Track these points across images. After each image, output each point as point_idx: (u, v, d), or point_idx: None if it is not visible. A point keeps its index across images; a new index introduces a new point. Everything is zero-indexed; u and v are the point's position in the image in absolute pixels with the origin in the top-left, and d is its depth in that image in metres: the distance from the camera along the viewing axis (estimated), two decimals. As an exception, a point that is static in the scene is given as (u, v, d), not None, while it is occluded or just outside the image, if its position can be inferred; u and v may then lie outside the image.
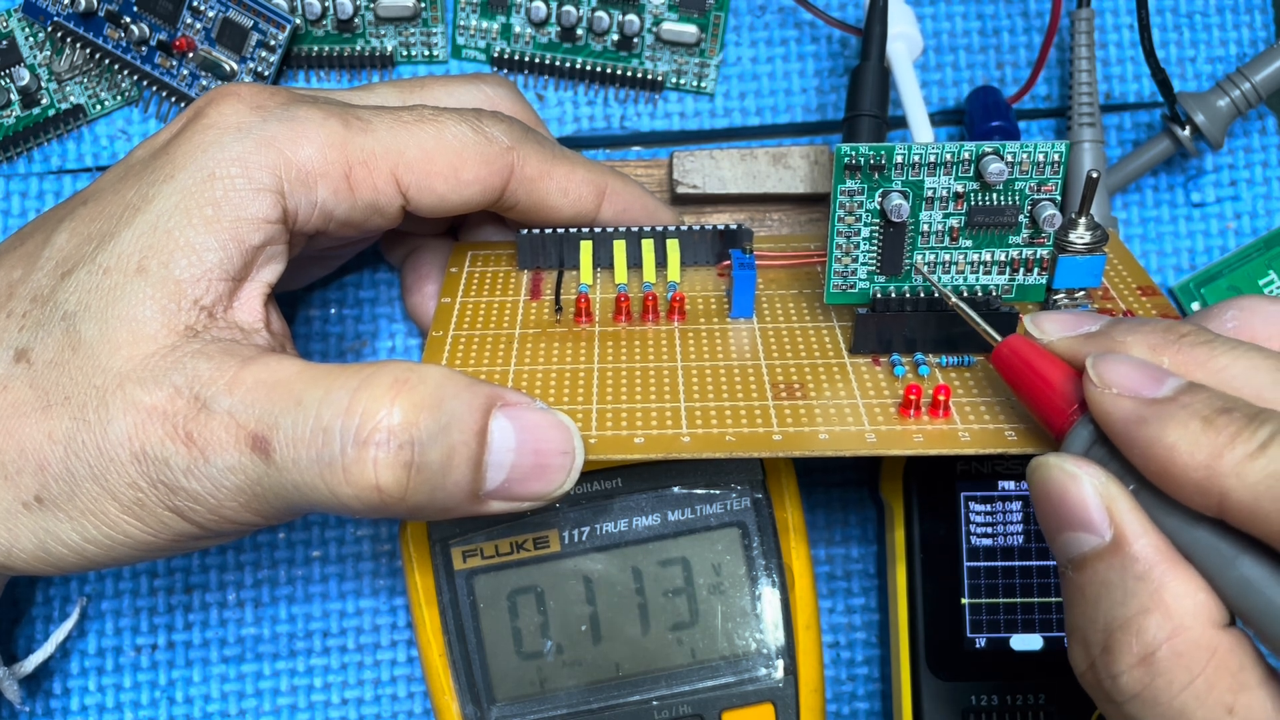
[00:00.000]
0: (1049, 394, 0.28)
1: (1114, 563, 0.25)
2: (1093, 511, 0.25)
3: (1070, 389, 0.27)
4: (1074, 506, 0.25)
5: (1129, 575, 0.24)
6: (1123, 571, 0.24)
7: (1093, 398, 0.26)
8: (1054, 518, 0.26)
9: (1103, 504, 0.25)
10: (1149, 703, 0.24)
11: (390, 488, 0.28)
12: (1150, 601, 0.24)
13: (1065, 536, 0.26)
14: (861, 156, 0.31)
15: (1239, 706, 0.23)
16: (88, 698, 0.41)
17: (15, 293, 0.31)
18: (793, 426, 0.30)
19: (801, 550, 0.37)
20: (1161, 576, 0.24)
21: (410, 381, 0.28)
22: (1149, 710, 0.24)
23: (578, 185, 0.36)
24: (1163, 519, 0.25)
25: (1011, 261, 0.33)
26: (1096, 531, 0.25)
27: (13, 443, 0.29)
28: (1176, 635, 0.24)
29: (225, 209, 0.30)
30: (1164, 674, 0.24)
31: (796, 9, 0.44)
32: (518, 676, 0.36)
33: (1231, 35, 0.44)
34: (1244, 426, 0.23)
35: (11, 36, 0.42)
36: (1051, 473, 0.26)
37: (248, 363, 0.29)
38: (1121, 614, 0.24)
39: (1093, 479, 0.25)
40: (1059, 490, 0.26)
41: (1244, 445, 0.23)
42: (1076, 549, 0.25)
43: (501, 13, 0.43)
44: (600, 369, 0.33)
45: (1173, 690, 0.24)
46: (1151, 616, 0.24)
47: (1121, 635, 0.24)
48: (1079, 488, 0.25)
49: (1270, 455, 0.23)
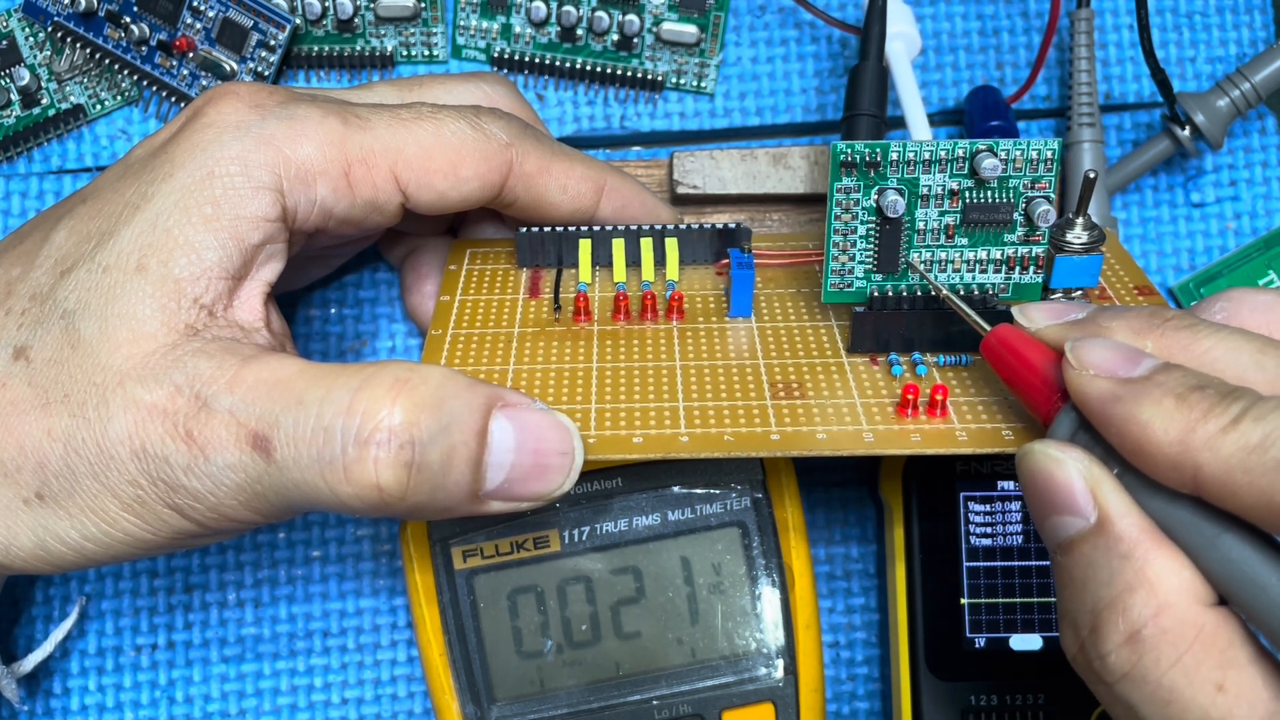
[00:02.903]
0: (1035, 381, 0.28)
1: (1099, 543, 0.25)
2: (1077, 495, 0.25)
3: (1056, 376, 0.27)
4: (1059, 490, 0.25)
5: (1113, 555, 0.24)
6: (1107, 552, 0.25)
7: (1070, 380, 0.26)
8: (1041, 502, 0.26)
9: (1087, 487, 0.25)
10: (1138, 681, 0.24)
11: (391, 487, 0.28)
12: (1135, 580, 0.24)
13: (1052, 521, 0.26)
14: (857, 154, 0.31)
15: (1228, 683, 0.23)
16: (88, 697, 0.41)
17: (14, 290, 0.31)
18: (791, 426, 0.30)
19: (801, 550, 0.37)
20: (1145, 555, 0.24)
21: (411, 381, 0.28)
22: (1138, 689, 0.24)
23: (576, 182, 0.36)
24: (1147, 501, 0.25)
25: (1007, 259, 0.33)
26: (1081, 514, 0.25)
27: (12, 440, 0.29)
28: (1162, 612, 0.24)
29: (224, 207, 0.31)
30: (1151, 651, 0.24)
31: (796, 9, 0.44)
32: (518, 676, 0.36)
33: (1231, 35, 0.44)
34: (1217, 402, 0.23)
35: (11, 36, 0.42)
36: (1037, 458, 0.26)
37: (248, 361, 0.29)
38: (1107, 594, 0.24)
39: (1077, 463, 0.25)
40: (1045, 475, 0.26)
41: (1216, 420, 0.23)
42: (1064, 532, 0.26)
43: (501, 13, 0.43)
44: (599, 368, 0.33)
45: (1160, 667, 0.24)
46: (1136, 594, 0.24)
47: (1108, 614, 0.24)
48: (1064, 471, 0.25)
49: (1243, 429, 0.23)
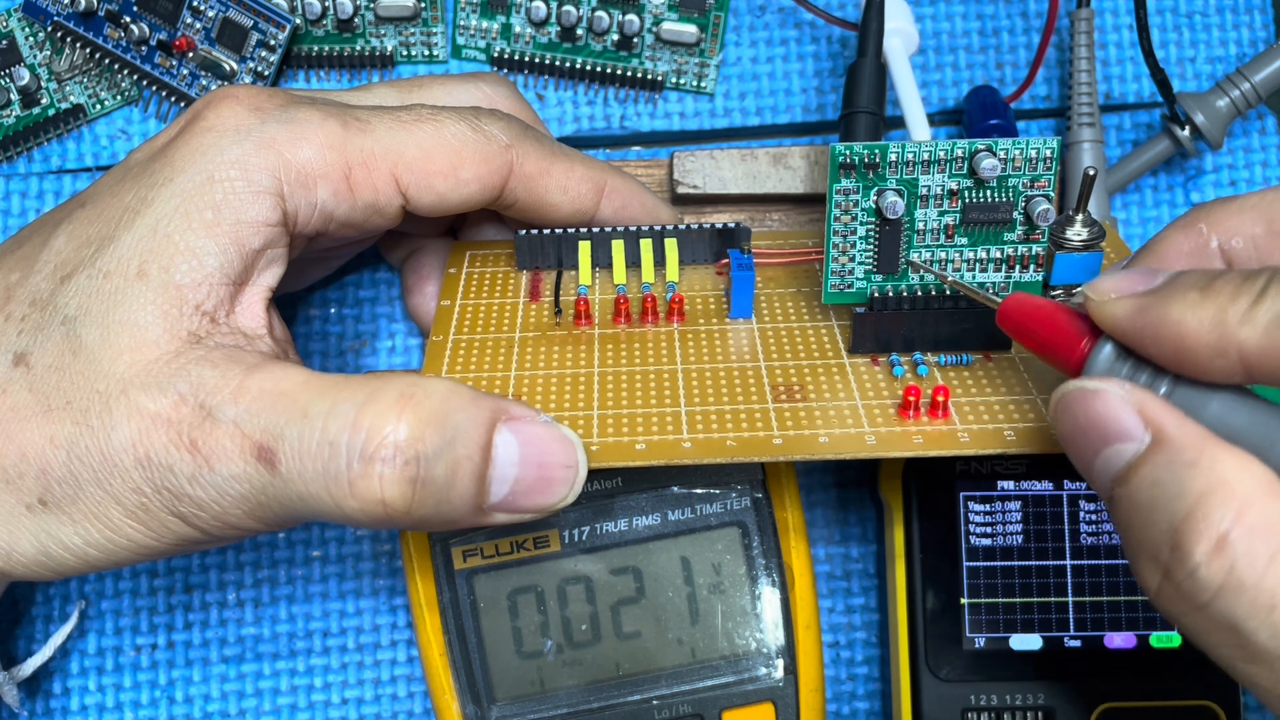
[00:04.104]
0: (1059, 333, 0.27)
1: (1160, 460, 0.24)
2: (1125, 418, 0.24)
3: (1079, 324, 0.27)
4: (1106, 420, 0.25)
5: (1179, 466, 0.23)
6: (1171, 464, 0.23)
7: (1096, 311, 0.26)
8: (1087, 441, 0.25)
9: (1134, 408, 0.24)
10: (1236, 589, 0.22)
11: (395, 502, 0.28)
12: (1208, 484, 0.23)
13: (1103, 455, 0.25)
14: (856, 155, 0.31)
15: None
16: (88, 697, 0.41)
17: (13, 296, 0.31)
18: (793, 430, 0.30)
19: (801, 550, 0.37)
20: (1213, 457, 0.23)
21: (416, 396, 0.28)
22: (1238, 598, 0.22)
23: (577, 182, 0.36)
24: (1202, 415, 0.24)
25: (1007, 258, 0.33)
26: (1134, 437, 0.24)
27: (13, 447, 0.29)
28: (1245, 510, 0.22)
29: (225, 212, 0.30)
30: (1244, 554, 0.22)
31: (796, 9, 0.44)
32: (518, 676, 0.36)
33: (1231, 35, 0.44)
34: (1240, 284, 0.23)
35: (11, 36, 0.42)
36: (1075, 395, 0.25)
37: (253, 371, 0.29)
38: (1182, 506, 0.23)
39: (1118, 388, 0.25)
40: (1086, 411, 0.25)
41: (1246, 297, 0.23)
42: (1117, 462, 0.25)
43: (501, 13, 0.43)
44: (600, 373, 0.33)
45: (1257, 568, 0.22)
46: (1214, 498, 0.23)
47: (1187, 527, 0.23)
48: (1106, 400, 0.25)
49: (1271, 297, 0.23)
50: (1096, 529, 0.38)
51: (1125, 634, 0.38)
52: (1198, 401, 0.25)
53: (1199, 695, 0.37)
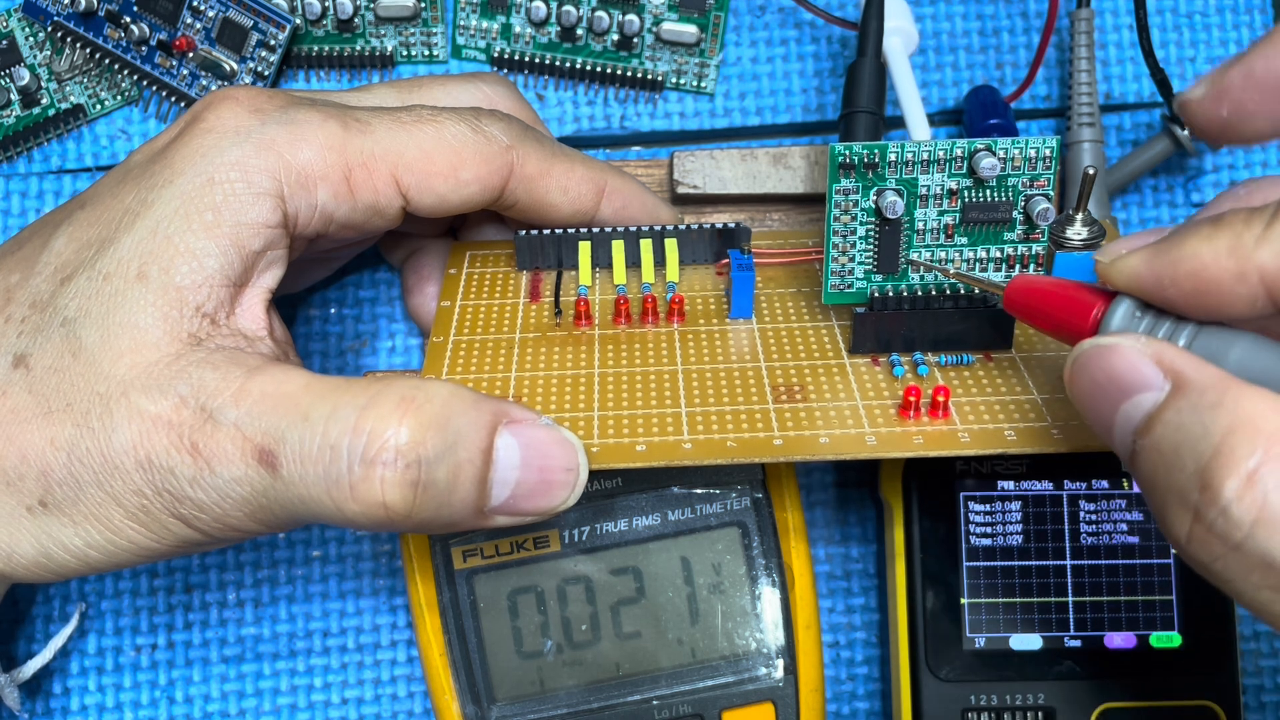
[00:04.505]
0: (1070, 304, 0.27)
1: (1182, 404, 0.23)
2: (1143, 368, 0.24)
3: (1089, 293, 0.27)
4: (1123, 372, 0.25)
5: (1202, 408, 0.23)
6: (1194, 408, 0.23)
7: (1108, 271, 0.26)
8: (1105, 398, 0.25)
9: (1151, 358, 0.24)
10: (1270, 522, 0.22)
11: (397, 506, 0.28)
12: (1233, 421, 0.22)
13: (1122, 410, 0.25)
14: (855, 155, 0.31)
15: None
16: (88, 698, 0.41)
17: (13, 297, 0.31)
18: (793, 430, 0.30)
19: (801, 550, 0.37)
20: (1236, 396, 0.23)
21: (417, 400, 0.28)
22: (1273, 532, 0.22)
23: (577, 183, 0.36)
24: (1223, 364, 0.24)
25: (1007, 258, 0.33)
26: (1153, 385, 0.24)
27: (13, 448, 0.29)
28: (1273, 444, 0.22)
29: (225, 214, 0.30)
30: (1275, 486, 0.22)
31: (796, 9, 0.44)
32: (518, 676, 0.36)
33: (1231, 35, 0.44)
34: (1251, 214, 0.24)
35: (11, 36, 0.42)
36: (1090, 354, 0.25)
37: (254, 373, 0.29)
38: (1208, 446, 0.23)
39: (1133, 341, 0.25)
40: (1103, 366, 0.25)
41: (1259, 223, 0.23)
42: (1138, 413, 0.24)
43: (501, 13, 0.43)
44: (601, 374, 0.33)
45: None
46: (1240, 434, 0.22)
47: (1216, 464, 0.22)
48: (1122, 353, 0.25)
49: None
50: (1096, 529, 0.38)
51: (1125, 634, 0.38)
52: (1218, 349, 0.24)
53: (1199, 695, 0.37)
